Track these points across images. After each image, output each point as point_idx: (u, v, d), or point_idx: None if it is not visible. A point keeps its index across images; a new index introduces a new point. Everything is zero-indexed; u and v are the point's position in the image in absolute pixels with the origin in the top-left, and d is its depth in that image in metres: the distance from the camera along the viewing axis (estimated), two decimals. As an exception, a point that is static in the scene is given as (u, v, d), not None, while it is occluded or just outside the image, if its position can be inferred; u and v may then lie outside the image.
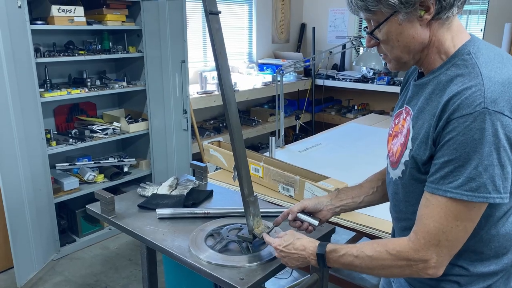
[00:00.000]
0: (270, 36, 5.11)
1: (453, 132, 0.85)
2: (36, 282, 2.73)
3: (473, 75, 0.87)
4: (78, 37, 3.24)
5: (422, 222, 0.90)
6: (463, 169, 0.84)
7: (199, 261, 1.22)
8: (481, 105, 0.83)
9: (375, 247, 0.97)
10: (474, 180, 0.84)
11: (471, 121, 0.83)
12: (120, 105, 3.68)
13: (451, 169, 0.86)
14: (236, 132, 1.23)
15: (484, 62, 0.89)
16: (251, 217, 1.26)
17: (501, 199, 0.86)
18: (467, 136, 0.83)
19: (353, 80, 4.75)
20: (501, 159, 0.84)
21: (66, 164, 3.19)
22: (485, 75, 0.86)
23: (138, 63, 3.36)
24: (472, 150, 0.83)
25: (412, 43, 0.94)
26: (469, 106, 0.83)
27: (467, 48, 0.93)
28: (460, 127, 0.84)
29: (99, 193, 1.50)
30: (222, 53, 1.19)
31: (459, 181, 0.85)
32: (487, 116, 0.82)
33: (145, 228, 1.42)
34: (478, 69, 0.88)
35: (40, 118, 2.71)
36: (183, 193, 1.64)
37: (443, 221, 0.87)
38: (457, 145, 0.84)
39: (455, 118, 0.85)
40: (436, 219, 0.88)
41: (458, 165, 0.85)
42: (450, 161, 0.86)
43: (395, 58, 0.98)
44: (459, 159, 0.85)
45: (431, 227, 0.89)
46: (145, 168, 3.55)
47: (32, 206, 2.70)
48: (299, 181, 1.89)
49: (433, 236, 0.88)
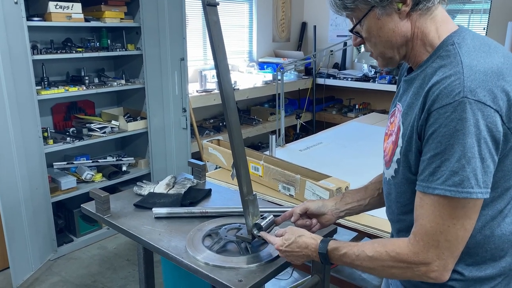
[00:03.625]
0: (270, 34, 5.07)
1: (435, 125, 0.82)
2: (33, 282, 2.69)
3: (453, 64, 0.84)
4: (76, 34, 3.20)
5: (419, 223, 0.87)
6: (448, 162, 0.81)
7: (196, 262, 1.18)
8: (460, 94, 0.80)
9: (376, 247, 0.93)
10: (457, 174, 0.80)
11: (451, 111, 0.80)
12: (119, 103, 3.64)
13: (438, 164, 0.82)
14: (235, 128, 1.19)
15: (467, 51, 0.86)
16: (250, 216, 1.22)
17: (481, 194, 0.82)
18: (449, 127, 0.80)
19: (354, 79, 4.71)
20: (482, 152, 0.80)
21: (64, 163, 3.15)
22: (466, 64, 0.83)
23: (137, 60, 3.32)
24: (455, 141, 0.80)
25: (393, 37, 0.92)
26: (448, 96, 0.80)
27: (452, 38, 0.90)
28: (441, 119, 0.81)
29: (94, 192, 1.46)
30: (220, 47, 1.15)
31: (444, 176, 0.82)
32: (467, 106, 0.79)
33: (141, 228, 1.38)
34: (459, 58, 0.85)
35: (37, 116, 2.67)
36: (180, 192, 1.60)
37: (439, 221, 0.83)
38: (441, 137, 0.81)
39: (435, 109, 0.82)
40: (432, 219, 0.84)
41: (444, 159, 0.81)
42: (436, 155, 0.82)
43: (379, 54, 0.97)
44: (444, 152, 0.81)
45: (428, 227, 0.85)
46: (144, 167, 3.51)
47: (29, 205, 2.66)
48: (299, 180, 1.85)
49: (431, 237, 0.84)
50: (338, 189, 1.75)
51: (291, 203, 1.86)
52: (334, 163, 2.40)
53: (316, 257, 1.04)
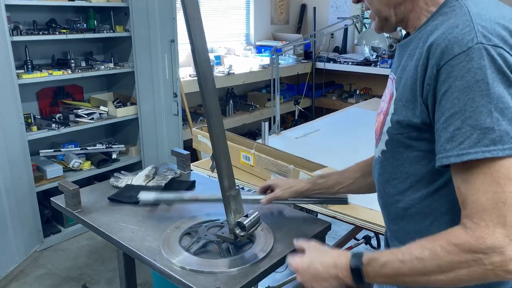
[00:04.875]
0: (268, 16, 4.87)
1: (449, 79, 0.68)
2: (17, 275, 2.58)
3: (459, 15, 0.72)
4: (62, 15, 3.03)
5: (470, 203, 0.68)
6: (473, 120, 0.66)
7: (170, 266, 1.05)
8: (473, 40, 0.68)
9: (425, 245, 0.71)
10: (492, 130, 0.65)
11: (467, 60, 0.67)
12: (109, 88, 3.48)
13: (458, 125, 0.67)
14: (214, 114, 1.05)
15: (474, 3, 0.74)
16: (232, 214, 1.08)
17: None
18: (467, 78, 0.67)
19: (355, 63, 4.53)
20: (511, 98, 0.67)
21: (50, 150, 3.02)
22: (474, 13, 0.72)
23: (126, 43, 3.15)
24: (477, 94, 0.66)
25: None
26: (460, 44, 0.68)
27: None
28: (455, 72, 0.68)
29: (63, 185, 1.32)
30: (196, 19, 1.00)
31: (474, 137, 0.66)
32: (483, 52, 0.67)
33: (113, 225, 1.24)
34: (466, 8, 0.73)
35: (18, 101, 2.52)
36: (161, 184, 1.46)
37: (495, 188, 0.65)
38: (458, 93, 0.67)
39: (446, 62, 0.69)
40: (486, 190, 0.66)
41: (465, 116, 0.67)
42: (454, 115, 0.68)
43: (375, 12, 0.86)
44: (465, 109, 0.67)
45: (484, 202, 0.66)
46: (135, 155, 3.37)
47: (11, 196, 2.53)
48: (292, 170, 1.71)
49: (494, 212, 0.65)
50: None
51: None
52: (331, 151, 2.26)
53: (347, 277, 0.79)
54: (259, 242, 1.14)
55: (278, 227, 1.23)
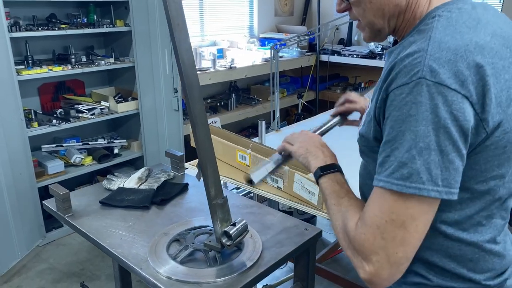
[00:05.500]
0: (272, 8, 4.81)
1: (390, 107, 0.70)
2: (19, 270, 2.61)
3: (422, 40, 0.71)
4: (62, 10, 3.01)
5: (365, 210, 0.76)
6: (397, 152, 0.69)
7: (155, 275, 1.04)
8: (418, 74, 0.67)
9: (351, 205, 0.82)
10: (405, 165, 0.68)
11: (407, 93, 0.68)
12: (110, 83, 3.47)
13: (387, 153, 0.71)
14: (199, 123, 1.03)
15: (444, 25, 0.71)
16: (219, 222, 1.06)
17: (437, 193, 0.67)
18: (403, 111, 0.68)
19: (360, 56, 4.46)
20: (441, 143, 0.66)
21: (52, 145, 3.03)
22: (434, 39, 0.69)
23: (126, 38, 3.13)
24: (407, 128, 0.67)
25: (386, 5, 0.78)
26: (406, 75, 0.68)
27: (437, 10, 0.75)
28: (396, 101, 0.69)
29: (53, 189, 1.32)
30: (180, 25, 0.97)
31: (391, 168, 0.69)
32: (424, 88, 0.66)
33: (102, 230, 1.24)
34: (430, 33, 0.71)
35: (18, 97, 2.52)
36: (153, 188, 1.45)
37: (377, 213, 0.72)
38: (393, 122, 0.69)
39: (392, 89, 0.70)
40: (371, 210, 0.73)
41: (394, 147, 0.70)
42: (387, 142, 0.71)
43: (367, 24, 0.83)
44: (395, 140, 0.70)
45: (366, 217, 0.74)
46: (137, 150, 3.37)
47: (12, 191, 2.54)
48: (288, 172, 1.69)
49: (367, 229, 0.73)
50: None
51: (279, 197, 1.71)
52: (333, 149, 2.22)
53: (318, 162, 0.93)
54: (247, 250, 1.13)
55: (267, 234, 1.21)
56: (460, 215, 0.76)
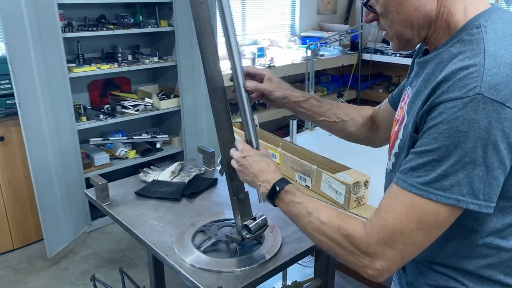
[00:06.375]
0: (315, 6, 4.81)
1: (437, 119, 0.68)
2: (67, 253, 2.81)
3: (475, 53, 0.69)
4: (111, 11, 3.19)
5: (381, 215, 0.76)
6: (438, 164, 0.69)
7: (180, 262, 1.12)
8: (475, 89, 0.65)
9: (332, 216, 0.83)
10: (447, 178, 0.68)
11: (460, 107, 0.66)
12: (155, 80, 3.63)
13: (425, 162, 0.70)
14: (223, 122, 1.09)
15: (494, 37, 0.70)
16: (240, 216, 1.12)
17: (477, 206, 0.68)
18: (452, 125, 0.66)
19: (404, 55, 4.36)
20: (488, 159, 0.66)
21: (99, 139, 3.21)
22: (490, 53, 0.67)
23: (170, 37, 3.27)
24: (453, 143, 0.67)
25: (414, 16, 0.76)
26: (461, 89, 0.66)
27: (478, 20, 0.73)
28: (445, 113, 0.67)
29: (94, 179, 1.44)
30: (207, 30, 1.04)
31: (430, 177, 0.69)
32: (480, 105, 0.65)
33: (136, 219, 1.34)
34: (483, 45, 0.69)
35: (68, 93, 2.71)
36: (184, 181, 1.54)
37: (404, 220, 0.72)
38: (438, 134, 0.68)
39: (443, 102, 0.68)
40: (397, 216, 0.73)
41: (433, 158, 0.69)
42: (426, 152, 0.70)
43: (396, 35, 0.81)
44: (436, 151, 0.69)
45: (389, 223, 0.74)
46: (177, 145, 3.50)
47: (61, 181, 2.74)
48: (315, 171, 1.72)
49: (389, 235, 0.74)
50: (356, 184, 1.60)
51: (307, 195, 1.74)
52: (364, 151, 2.21)
53: (264, 187, 0.94)
54: (267, 244, 1.18)
55: (288, 230, 1.26)
56: (502, 224, 0.76)
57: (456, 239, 0.79)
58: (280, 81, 1.14)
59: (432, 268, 0.84)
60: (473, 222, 0.76)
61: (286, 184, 0.93)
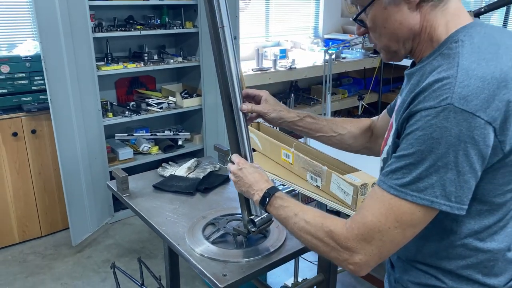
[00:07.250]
0: (339, 9, 4.84)
1: (414, 126, 0.75)
2: (90, 242, 2.96)
3: (450, 66, 0.75)
4: (139, 12, 3.33)
5: (362, 213, 0.82)
6: (414, 168, 0.75)
7: (189, 251, 1.21)
8: (447, 100, 0.71)
9: (316, 215, 0.91)
10: (422, 180, 0.75)
11: (433, 116, 0.72)
12: (179, 79, 3.75)
13: (402, 165, 0.77)
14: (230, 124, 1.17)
15: (469, 51, 0.75)
16: (246, 211, 1.20)
17: (450, 208, 0.74)
18: (426, 132, 0.73)
19: (427, 59, 4.35)
20: (459, 164, 0.72)
21: (124, 134, 3.36)
22: (463, 67, 0.73)
23: (194, 38, 3.38)
24: (427, 149, 0.73)
25: (399, 30, 0.83)
26: (435, 99, 0.73)
27: (458, 34, 0.79)
28: (421, 121, 0.74)
29: (115, 172, 1.54)
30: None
31: (407, 179, 0.76)
32: (451, 114, 0.71)
33: (152, 210, 1.44)
34: (458, 60, 0.75)
35: (97, 90, 2.85)
36: (199, 177, 1.63)
37: (382, 219, 0.79)
38: (414, 140, 0.75)
39: (419, 111, 0.75)
40: (376, 215, 0.80)
41: (409, 162, 0.76)
42: (403, 156, 0.77)
43: (384, 47, 0.88)
44: (412, 156, 0.75)
45: (369, 220, 0.80)
46: (198, 142, 3.61)
47: (88, 173, 2.89)
48: (326, 171, 1.78)
49: (367, 231, 0.80)
50: (364, 185, 1.66)
51: (317, 195, 1.80)
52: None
53: (258, 195, 1.04)
54: (271, 238, 1.26)
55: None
56: (479, 226, 0.82)
57: (437, 239, 0.85)
58: (276, 103, 1.23)
59: (416, 266, 0.90)
60: (452, 224, 0.82)
61: (276, 191, 1.02)
